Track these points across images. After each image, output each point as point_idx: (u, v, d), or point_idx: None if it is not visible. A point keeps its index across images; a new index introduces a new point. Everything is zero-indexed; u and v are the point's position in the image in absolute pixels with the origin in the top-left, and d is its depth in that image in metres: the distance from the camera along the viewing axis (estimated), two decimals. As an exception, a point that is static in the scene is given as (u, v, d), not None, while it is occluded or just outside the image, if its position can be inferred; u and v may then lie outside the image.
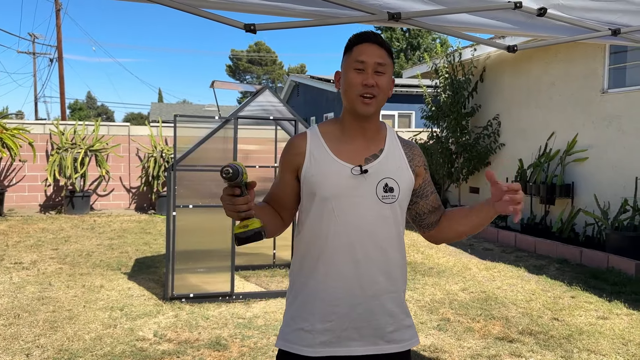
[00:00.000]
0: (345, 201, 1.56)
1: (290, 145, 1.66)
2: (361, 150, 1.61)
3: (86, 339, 3.97)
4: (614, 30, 2.29)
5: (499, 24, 2.15)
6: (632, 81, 7.18)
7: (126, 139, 11.38)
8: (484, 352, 3.87)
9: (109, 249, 7.21)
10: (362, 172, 1.57)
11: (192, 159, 5.10)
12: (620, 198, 6.99)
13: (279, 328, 1.70)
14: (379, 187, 1.58)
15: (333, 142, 1.62)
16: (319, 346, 1.58)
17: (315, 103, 20.06)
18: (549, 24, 2.22)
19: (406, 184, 1.63)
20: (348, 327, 1.58)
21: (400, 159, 1.65)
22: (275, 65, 55.54)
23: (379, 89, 1.57)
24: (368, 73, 1.56)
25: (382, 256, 1.59)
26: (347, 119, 1.63)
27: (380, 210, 1.58)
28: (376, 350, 1.60)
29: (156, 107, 33.55)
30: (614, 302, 5.05)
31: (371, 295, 1.58)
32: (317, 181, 1.57)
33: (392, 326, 1.62)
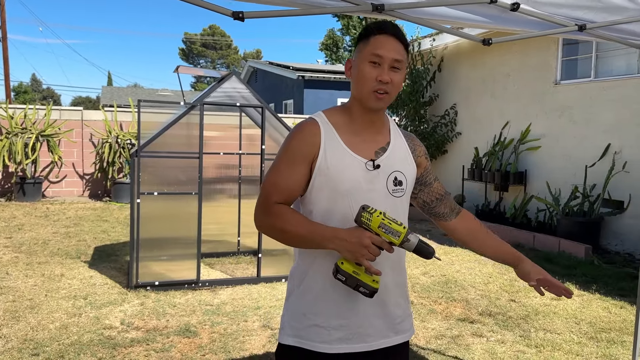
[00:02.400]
0: (361, 196, 1.53)
1: (302, 133, 1.56)
2: (370, 143, 1.59)
3: (51, 328, 3.88)
4: (580, 25, 2.41)
5: (475, 17, 2.23)
6: (582, 73, 7.52)
7: (79, 124, 11.03)
8: (448, 333, 4.03)
9: (66, 237, 7.02)
10: (374, 167, 1.56)
11: (155, 145, 5.02)
12: (570, 185, 7.34)
13: (281, 324, 1.64)
14: (389, 181, 1.58)
15: (345, 134, 1.57)
16: (336, 342, 1.55)
17: (274, 89, 19.95)
18: (521, 19, 2.33)
19: (411, 176, 1.65)
20: (363, 322, 1.56)
21: (405, 151, 1.66)
22: (231, 50, 54.74)
23: (392, 85, 1.53)
24: (384, 68, 1.51)
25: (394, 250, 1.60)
26: (357, 110, 1.59)
27: (391, 203, 1.58)
28: (389, 342, 1.61)
29: (107, 91, 32.52)
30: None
31: (383, 287, 1.56)
32: (333, 174, 1.52)
33: (400, 317, 1.65)
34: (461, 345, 3.80)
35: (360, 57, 1.55)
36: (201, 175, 4.98)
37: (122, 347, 3.61)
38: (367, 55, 1.53)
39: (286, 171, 1.55)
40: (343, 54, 37.16)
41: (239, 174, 6.31)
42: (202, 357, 3.53)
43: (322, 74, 17.60)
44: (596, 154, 7.09)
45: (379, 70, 1.51)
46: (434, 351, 3.69)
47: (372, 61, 1.52)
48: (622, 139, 6.79)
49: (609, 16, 2.49)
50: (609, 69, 7.22)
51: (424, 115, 10.13)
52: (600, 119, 7.10)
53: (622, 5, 2.49)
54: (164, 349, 3.61)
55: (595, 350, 3.76)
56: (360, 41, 1.57)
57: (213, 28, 53.56)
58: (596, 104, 7.18)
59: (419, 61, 10.25)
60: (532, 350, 3.73)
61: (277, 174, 1.56)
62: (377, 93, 1.52)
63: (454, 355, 3.64)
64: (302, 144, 1.55)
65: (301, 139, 1.55)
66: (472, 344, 3.82)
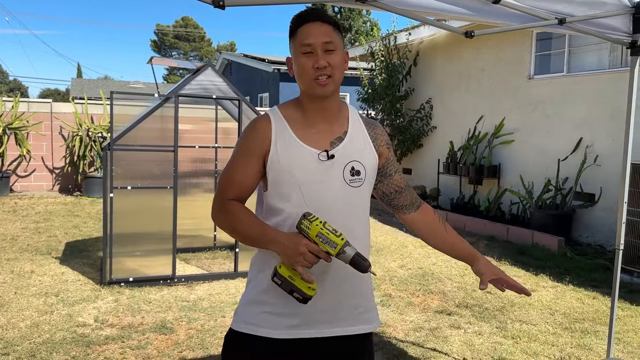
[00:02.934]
0: (314, 187, 1.54)
1: (254, 128, 1.59)
2: (325, 134, 1.59)
3: (21, 326, 3.77)
4: (560, 19, 2.42)
5: (458, 10, 2.22)
6: (555, 68, 7.63)
7: (48, 117, 10.73)
8: (426, 325, 4.05)
9: (36, 232, 6.84)
10: (328, 158, 1.55)
11: (129, 138, 4.91)
12: (543, 178, 7.46)
13: (235, 310, 1.65)
14: (345, 171, 1.57)
15: (297, 127, 1.58)
16: (288, 329, 1.56)
17: (249, 82, 19.78)
18: (503, 11, 2.33)
19: (371, 166, 1.63)
20: (319, 310, 1.56)
21: (365, 140, 1.64)
22: (204, 42, 54.05)
23: (332, 68, 1.53)
24: (318, 55, 1.52)
25: (352, 239, 1.56)
26: (306, 102, 1.60)
27: (348, 194, 1.57)
28: (345, 331, 1.61)
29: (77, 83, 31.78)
30: (540, 276, 5.42)
31: (343, 278, 1.57)
32: (284, 167, 1.54)
33: (361, 307, 1.64)
34: (439, 337, 3.82)
35: (294, 52, 1.57)
36: (176, 169, 4.89)
37: (96, 345, 3.52)
38: (298, 49, 1.54)
39: (240, 167, 1.59)
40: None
41: (215, 167, 6.22)
42: (179, 353, 3.47)
43: (298, 67, 17.47)
44: (568, 148, 7.21)
45: (313, 59, 1.52)
46: (412, 343, 3.70)
47: (304, 52, 1.53)
48: (594, 133, 6.92)
49: (588, 10, 2.51)
50: (581, 64, 7.35)
51: (400, 109, 10.15)
52: (573, 114, 7.22)
53: (600, 0, 2.51)
54: (140, 346, 3.53)
55: (570, 340, 3.82)
56: (291, 38, 1.58)
57: (186, 20, 52.78)
58: (569, 98, 7.29)
59: (395, 55, 10.27)
60: (509, 342, 3.77)
61: (231, 170, 1.61)
62: (318, 80, 1.52)
63: (432, 347, 3.66)
64: (253, 140, 1.57)
65: (253, 135, 1.58)
66: (450, 336, 3.85)
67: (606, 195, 6.70)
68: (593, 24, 2.60)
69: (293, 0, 1.88)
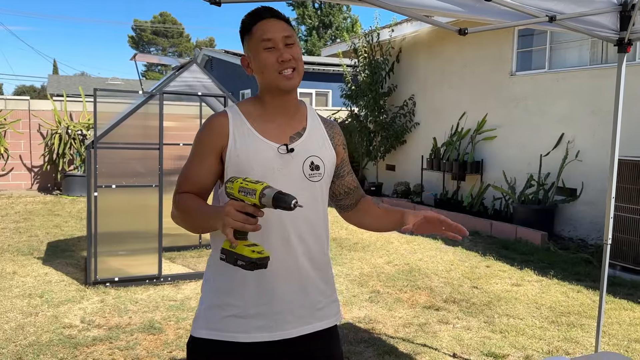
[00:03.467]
0: (275, 180, 1.50)
1: (211, 125, 1.57)
2: (285, 129, 1.59)
3: (6, 328, 3.69)
4: (551, 17, 2.45)
5: (452, 7, 2.23)
6: (537, 64, 7.72)
7: (26, 114, 10.53)
8: (415, 321, 4.07)
9: (16, 232, 6.70)
10: (288, 151, 1.55)
11: (112, 136, 4.84)
12: (526, 174, 7.55)
13: (195, 316, 1.61)
14: (305, 165, 1.57)
15: (256, 121, 1.58)
16: (255, 331, 1.54)
17: (230, 78, 19.63)
18: (495, 9, 2.34)
19: (330, 162, 1.64)
20: (282, 309, 1.55)
21: (323, 137, 1.65)
22: (182, 38, 53.48)
23: (295, 60, 1.54)
24: (280, 49, 1.52)
25: (312, 234, 1.59)
26: (267, 98, 1.59)
27: (308, 188, 1.57)
28: (310, 328, 1.60)
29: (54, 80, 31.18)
30: (524, 270, 5.48)
31: (303, 273, 1.57)
32: (244, 161, 1.53)
33: (322, 302, 1.63)
34: (429, 333, 3.85)
35: (252, 49, 1.56)
36: (162, 167, 4.83)
37: (83, 347, 3.47)
38: (258, 45, 1.54)
39: (196, 164, 1.58)
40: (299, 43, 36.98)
41: (200, 165, 6.16)
42: (168, 353, 3.43)
43: (279, 63, 17.38)
44: (550, 144, 7.31)
45: (276, 53, 1.53)
46: (402, 339, 3.72)
47: (265, 47, 1.53)
48: (575, 129, 7.02)
49: (577, 7, 2.54)
50: (562, 61, 7.44)
51: (383, 105, 10.18)
52: (554, 110, 7.32)
53: (589, -3, 2.54)
54: (129, 347, 3.49)
55: (557, 333, 3.88)
56: (245, 36, 1.59)
57: (164, 15, 52.16)
58: (550, 94, 7.39)
59: (378, 52, 10.28)
60: (498, 336, 3.81)
61: (188, 167, 1.60)
62: (283, 74, 1.53)
63: (422, 342, 3.68)
64: (209, 137, 1.56)
65: (209, 131, 1.57)
66: (439, 331, 3.87)
67: (588, 189, 6.81)
68: (582, 21, 2.63)
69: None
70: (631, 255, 5.21)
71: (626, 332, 3.94)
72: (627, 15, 2.70)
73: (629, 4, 2.68)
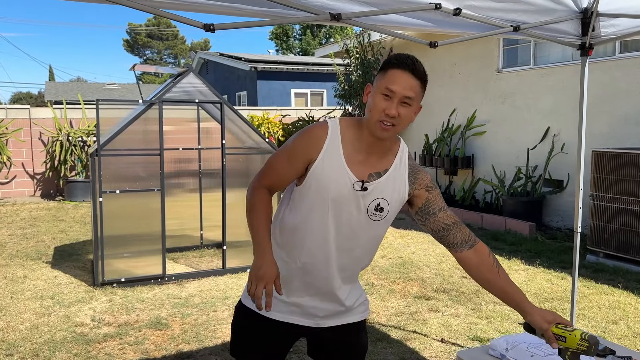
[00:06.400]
0: (340, 208, 1.67)
1: (310, 135, 1.68)
2: (368, 165, 1.69)
3: (21, 329, 3.93)
4: (515, 26, 2.69)
5: (422, 22, 2.46)
6: (522, 61, 7.97)
7: (27, 123, 10.75)
8: (406, 310, 4.32)
9: (23, 238, 6.94)
10: (361, 189, 1.67)
11: (115, 143, 5.07)
12: (514, 167, 7.80)
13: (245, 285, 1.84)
14: (371, 205, 1.69)
15: (348, 148, 1.67)
16: (288, 314, 1.78)
17: (226, 81, 19.84)
18: (463, 22, 2.57)
19: (397, 205, 1.75)
20: (316, 306, 1.78)
21: (401, 182, 1.74)
22: (177, 40, 53.56)
23: (400, 119, 1.61)
24: (394, 102, 1.59)
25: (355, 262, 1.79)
26: (365, 131, 1.68)
27: (366, 223, 1.71)
28: (340, 322, 1.84)
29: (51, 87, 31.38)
30: (512, 260, 5.74)
31: (337, 286, 1.77)
32: (323, 181, 1.65)
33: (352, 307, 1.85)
34: (419, 321, 4.09)
35: (376, 87, 1.63)
36: (163, 171, 5.07)
37: (95, 343, 3.71)
38: (381, 88, 1.60)
39: (283, 163, 1.71)
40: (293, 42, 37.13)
41: (199, 168, 6.41)
42: (175, 347, 3.68)
43: (275, 65, 17.65)
44: (537, 137, 7.55)
45: (388, 104, 1.59)
46: (394, 327, 3.97)
47: (384, 93, 1.59)
48: (560, 123, 7.27)
49: (540, 17, 2.78)
50: (547, 57, 7.69)
51: (375, 104, 10.41)
52: (540, 104, 7.57)
53: (551, 7, 2.78)
54: (138, 342, 3.73)
55: (539, 318, 4.12)
56: (380, 71, 1.65)
57: (158, 18, 52.23)
58: (536, 90, 7.64)
59: (370, 52, 10.52)
60: (483, 322, 4.06)
61: (275, 162, 1.74)
62: (382, 123, 1.60)
63: (412, 329, 3.93)
64: (305, 145, 1.68)
65: (306, 140, 1.68)
66: (429, 319, 4.12)
67: (573, 181, 7.06)
68: (545, 29, 2.87)
69: (275, 22, 2.10)
70: (613, 243, 5.46)
71: (605, 314, 4.20)
72: (587, 21, 2.94)
73: (589, 11, 2.92)
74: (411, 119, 1.65)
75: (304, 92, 17.27)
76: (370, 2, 2.27)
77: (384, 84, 1.60)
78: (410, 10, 2.36)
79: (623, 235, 5.37)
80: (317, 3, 2.17)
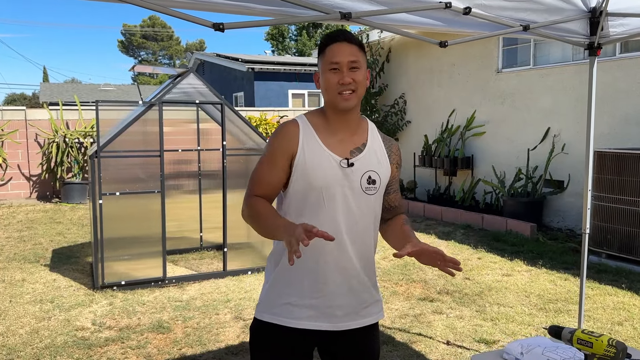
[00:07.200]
0: (333, 191, 1.68)
1: (283, 131, 1.73)
2: (346, 143, 1.74)
3: (21, 333, 3.87)
4: (525, 26, 2.66)
5: (432, 22, 2.43)
6: (522, 61, 7.95)
7: (23, 124, 10.66)
8: (410, 312, 4.28)
9: (20, 241, 6.87)
10: (349, 165, 1.70)
11: (114, 144, 5.01)
12: (514, 168, 7.78)
13: (258, 301, 1.84)
14: (363, 179, 1.72)
15: (322, 133, 1.73)
16: (305, 319, 1.73)
17: (223, 82, 19.77)
18: (473, 21, 2.55)
19: (385, 177, 1.79)
20: (332, 304, 1.73)
21: (381, 153, 1.79)
22: (172, 41, 53.42)
23: (356, 83, 1.68)
24: (343, 72, 1.67)
25: (362, 240, 1.76)
26: (330, 113, 1.75)
27: (363, 200, 1.72)
28: (355, 324, 1.79)
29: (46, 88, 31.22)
30: (515, 261, 5.71)
31: (354, 275, 1.74)
32: (309, 170, 1.68)
33: (368, 302, 1.82)
34: (424, 323, 4.06)
35: (322, 69, 1.72)
36: (163, 173, 5.01)
37: (97, 347, 3.66)
38: (326, 66, 1.70)
39: (267, 167, 1.73)
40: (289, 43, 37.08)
41: (199, 169, 6.36)
42: (178, 351, 3.63)
43: (272, 65, 17.60)
44: (537, 138, 7.54)
45: (339, 75, 1.68)
46: (399, 329, 3.93)
47: (331, 69, 1.68)
48: (561, 123, 7.26)
49: (549, 16, 2.75)
50: (547, 57, 7.68)
51: (374, 105, 10.39)
52: (540, 105, 7.55)
53: (560, 7, 2.76)
54: (140, 346, 3.68)
55: (545, 319, 4.10)
56: (319, 55, 1.74)
57: (153, 19, 52.04)
58: (536, 90, 7.62)
59: (368, 52, 10.48)
60: (489, 324, 4.03)
61: (259, 170, 1.75)
62: (342, 95, 1.68)
63: (417, 332, 3.89)
64: (281, 142, 1.72)
65: (281, 137, 1.73)
66: (433, 321, 4.09)
67: (574, 181, 7.04)
68: (554, 28, 2.84)
69: (285, 22, 2.06)
70: (615, 243, 5.45)
71: (610, 315, 4.17)
72: (596, 21, 2.91)
73: (598, 10, 2.89)
74: (366, 84, 1.73)
75: (301, 93, 17.23)
76: (380, 1, 2.24)
77: (328, 61, 1.69)
78: (421, 9, 2.32)
79: (625, 236, 5.35)
80: (327, 2, 2.13)
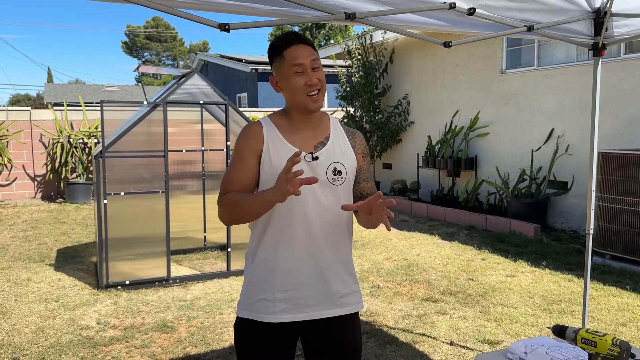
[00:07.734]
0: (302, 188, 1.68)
1: (248, 131, 1.79)
2: (310, 139, 1.80)
3: (27, 332, 3.89)
4: (529, 26, 2.66)
5: (436, 22, 2.44)
6: (526, 62, 7.95)
7: (28, 124, 10.70)
8: (414, 313, 4.29)
9: (25, 241, 6.90)
10: (313, 159, 1.76)
11: (119, 144, 5.03)
12: (518, 169, 7.78)
13: (238, 300, 1.88)
14: (328, 171, 1.77)
15: (285, 132, 1.78)
16: (280, 313, 1.77)
17: (227, 83, 19.81)
18: (477, 22, 2.55)
19: (351, 167, 1.84)
20: (304, 294, 1.78)
21: (345, 145, 1.85)
22: (176, 42, 53.52)
23: (321, 82, 1.74)
24: (308, 73, 1.71)
25: (334, 231, 1.81)
26: (295, 114, 1.79)
27: (331, 191, 1.78)
28: (330, 313, 1.83)
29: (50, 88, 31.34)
30: (518, 262, 5.71)
31: (324, 266, 1.79)
32: (276, 167, 1.71)
33: (342, 292, 1.85)
34: (427, 323, 4.06)
35: (284, 72, 1.74)
36: (167, 173, 5.03)
37: (102, 346, 3.67)
38: (289, 69, 1.72)
39: (237, 167, 1.78)
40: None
41: (203, 170, 6.37)
42: (182, 350, 3.64)
43: (274, 66, 17.55)
44: (541, 139, 7.53)
45: (305, 77, 1.71)
46: (402, 330, 3.94)
47: (296, 72, 1.71)
48: (565, 124, 7.25)
49: (553, 17, 2.76)
50: (551, 58, 7.67)
51: (378, 105, 10.39)
52: (544, 105, 7.55)
53: (564, 7, 2.76)
54: (144, 345, 3.70)
55: (549, 320, 4.10)
56: (275, 57, 1.76)
57: (157, 20, 52.17)
58: (540, 91, 7.61)
59: (372, 53, 10.49)
60: (492, 324, 4.03)
61: (230, 171, 1.80)
62: (311, 96, 1.72)
63: (421, 332, 3.89)
64: (248, 142, 1.78)
65: (247, 137, 1.79)
66: (437, 322, 4.09)
67: (578, 182, 7.03)
68: (558, 29, 2.85)
69: (290, 22, 2.08)
70: (619, 244, 5.44)
71: (614, 317, 4.17)
72: (600, 21, 2.91)
73: (602, 11, 2.89)
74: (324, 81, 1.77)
75: (304, 94, 17.23)
76: (385, 1, 2.25)
77: (290, 64, 1.72)
78: (425, 10, 2.33)
79: (630, 237, 5.34)
80: (332, 2, 2.14)
